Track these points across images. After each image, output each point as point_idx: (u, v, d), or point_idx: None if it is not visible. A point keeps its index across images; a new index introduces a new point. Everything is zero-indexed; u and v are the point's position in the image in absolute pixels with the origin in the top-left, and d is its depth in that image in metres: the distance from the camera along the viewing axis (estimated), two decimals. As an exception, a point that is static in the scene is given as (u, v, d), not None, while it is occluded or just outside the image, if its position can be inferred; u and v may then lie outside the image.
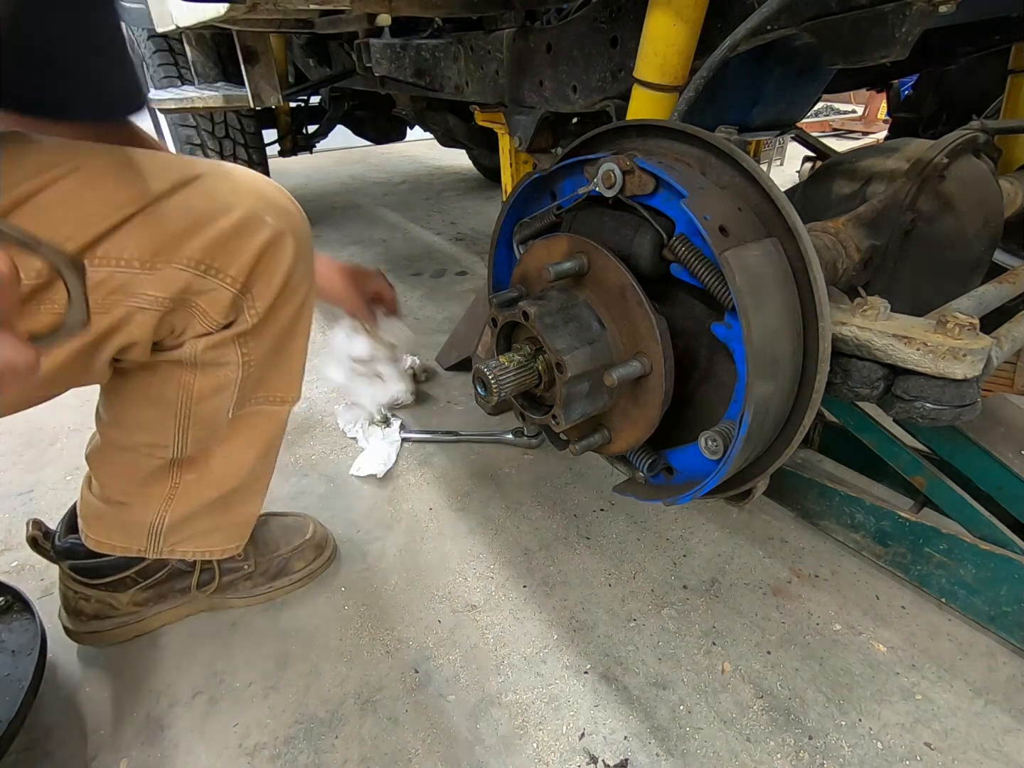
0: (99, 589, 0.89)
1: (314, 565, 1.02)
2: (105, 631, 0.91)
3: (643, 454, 0.72)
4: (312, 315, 0.81)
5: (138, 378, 0.73)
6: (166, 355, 0.70)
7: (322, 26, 1.57)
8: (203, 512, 0.84)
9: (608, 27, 0.97)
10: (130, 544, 0.85)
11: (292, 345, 0.79)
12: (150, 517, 0.83)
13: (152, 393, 0.74)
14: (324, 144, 3.29)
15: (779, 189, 0.58)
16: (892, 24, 0.65)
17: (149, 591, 0.92)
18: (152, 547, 0.85)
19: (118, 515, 0.83)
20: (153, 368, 0.71)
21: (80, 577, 0.88)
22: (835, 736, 0.78)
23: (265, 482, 0.91)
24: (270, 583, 0.99)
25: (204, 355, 0.70)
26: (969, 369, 0.59)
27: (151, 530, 0.83)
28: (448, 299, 2.18)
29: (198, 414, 0.75)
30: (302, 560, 1.01)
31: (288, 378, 0.82)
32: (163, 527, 0.83)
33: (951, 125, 0.95)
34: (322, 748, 0.78)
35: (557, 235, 0.69)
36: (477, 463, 1.32)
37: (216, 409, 0.76)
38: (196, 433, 0.77)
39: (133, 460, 0.79)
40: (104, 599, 0.89)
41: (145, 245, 0.61)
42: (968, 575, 0.86)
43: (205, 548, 0.88)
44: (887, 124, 3.57)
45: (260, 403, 0.81)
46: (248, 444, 0.83)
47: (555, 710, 0.82)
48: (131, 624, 0.92)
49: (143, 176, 0.61)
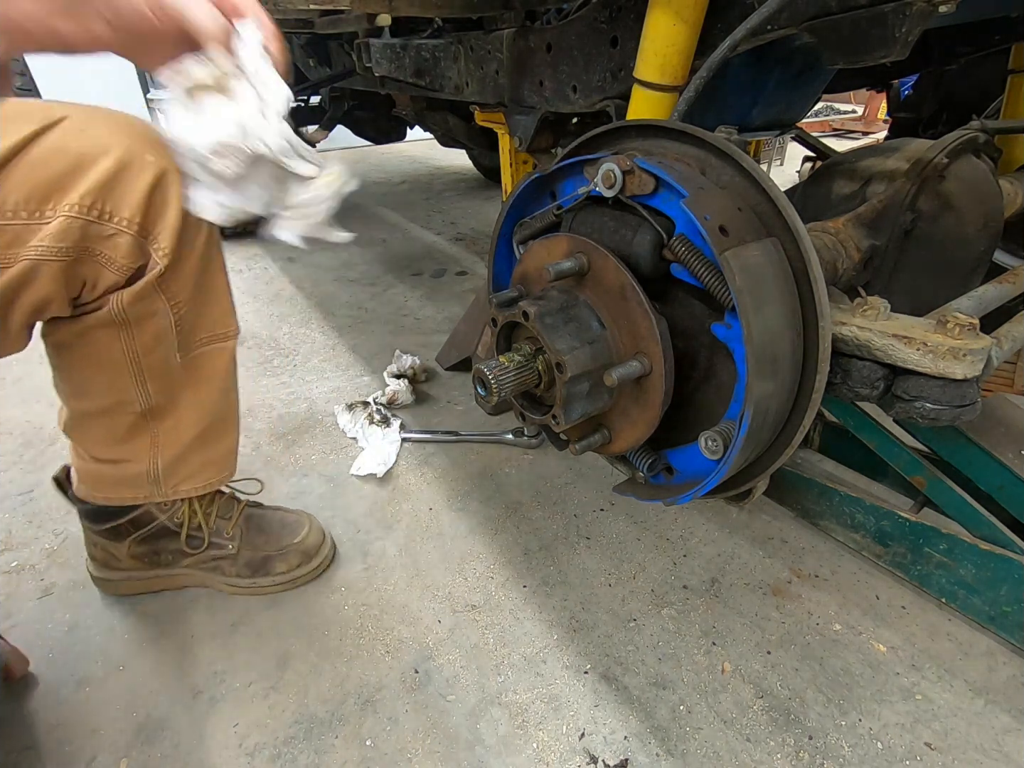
0: (102, 536, 0.95)
1: (297, 572, 1.00)
2: (113, 581, 0.99)
3: (643, 454, 0.72)
4: (222, 247, 0.83)
5: (80, 348, 0.75)
6: (94, 317, 0.72)
7: (322, 26, 1.57)
8: (189, 452, 0.89)
9: (608, 27, 0.97)
10: (136, 493, 0.90)
11: (214, 280, 0.81)
12: (144, 467, 0.87)
13: (100, 358, 0.76)
14: (324, 144, 3.28)
15: (779, 189, 0.58)
16: (892, 24, 0.65)
17: (145, 546, 0.97)
18: (157, 491, 0.90)
19: (115, 472, 0.88)
20: (89, 335, 0.74)
21: (87, 521, 0.96)
22: (835, 736, 0.78)
23: (234, 414, 0.95)
24: (252, 578, 1.00)
25: (131, 309, 0.72)
26: (969, 369, 0.59)
27: (149, 477, 0.88)
28: (448, 299, 2.18)
29: (149, 366, 0.78)
30: (284, 563, 1.00)
31: (222, 315, 0.84)
32: (159, 473, 0.88)
33: (951, 125, 0.95)
34: (322, 748, 0.78)
35: (557, 235, 0.69)
36: (477, 463, 1.32)
37: (164, 358, 0.79)
38: (155, 384, 0.80)
39: (108, 423, 0.84)
40: (107, 547, 0.96)
41: (27, 193, 0.61)
42: (968, 575, 0.86)
43: (203, 482, 0.93)
44: (887, 124, 3.57)
45: (204, 344, 0.83)
46: (207, 384, 0.86)
47: (555, 710, 0.82)
48: (134, 580, 0.99)
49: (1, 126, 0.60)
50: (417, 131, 3.28)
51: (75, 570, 1.05)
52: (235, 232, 2.89)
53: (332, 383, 1.65)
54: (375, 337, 1.91)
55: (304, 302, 2.21)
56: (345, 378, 1.67)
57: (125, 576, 0.99)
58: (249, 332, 1.97)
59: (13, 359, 0.74)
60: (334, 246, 2.81)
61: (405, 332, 1.94)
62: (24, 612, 0.98)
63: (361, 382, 1.65)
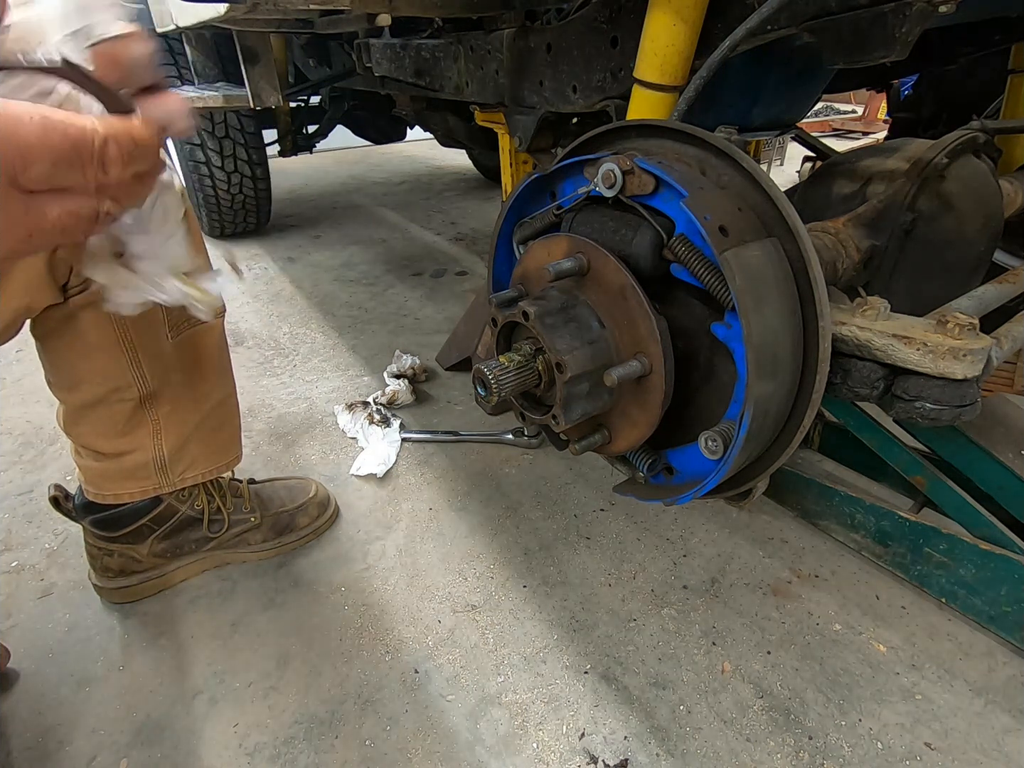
0: (120, 542, 0.94)
1: (319, 522, 1.09)
2: (132, 586, 0.97)
3: (643, 454, 0.72)
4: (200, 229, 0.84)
5: (69, 333, 0.75)
6: (81, 298, 0.72)
7: (322, 26, 1.57)
8: (193, 437, 0.89)
9: (608, 27, 0.97)
10: (145, 486, 0.90)
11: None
12: (149, 456, 0.87)
13: (92, 340, 0.76)
14: (324, 144, 3.28)
15: (779, 189, 0.58)
16: (892, 24, 0.64)
17: (166, 541, 0.97)
18: (164, 482, 0.90)
19: (119, 465, 0.87)
20: (76, 317, 0.74)
21: (101, 531, 0.93)
22: (835, 736, 0.78)
23: (233, 397, 0.96)
24: (278, 538, 1.05)
25: None
26: (969, 369, 0.59)
27: (155, 466, 0.88)
28: (448, 299, 2.18)
29: (143, 346, 0.79)
30: (307, 516, 1.08)
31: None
32: (164, 460, 0.88)
33: (951, 125, 0.95)
34: (322, 748, 0.78)
35: (557, 235, 0.69)
36: (477, 463, 1.32)
37: (155, 337, 0.79)
38: (150, 366, 0.81)
39: (106, 412, 0.83)
40: (126, 552, 0.95)
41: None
42: (968, 575, 0.86)
43: (211, 467, 0.93)
44: (887, 124, 3.57)
45: (193, 325, 0.84)
46: (201, 365, 0.87)
47: (555, 710, 0.82)
48: (154, 579, 0.98)
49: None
50: (417, 131, 3.28)
51: (75, 570, 1.05)
52: (235, 232, 2.89)
53: (332, 383, 1.65)
54: (375, 337, 1.91)
55: (304, 302, 2.21)
56: (345, 378, 1.67)
57: (144, 577, 0.98)
58: (249, 332, 1.97)
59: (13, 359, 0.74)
60: (335, 246, 2.81)
61: (405, 332, 1.94)
62: (24, 612, 0.98)
63: (361, 382, 1.65)
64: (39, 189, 0.33)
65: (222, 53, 2.18)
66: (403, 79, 1.56)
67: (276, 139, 2.95)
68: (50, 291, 0.69)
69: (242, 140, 2.58)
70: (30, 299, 0.68)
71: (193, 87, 2.17)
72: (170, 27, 1.71)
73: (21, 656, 0.90)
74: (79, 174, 0.34)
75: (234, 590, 1.01)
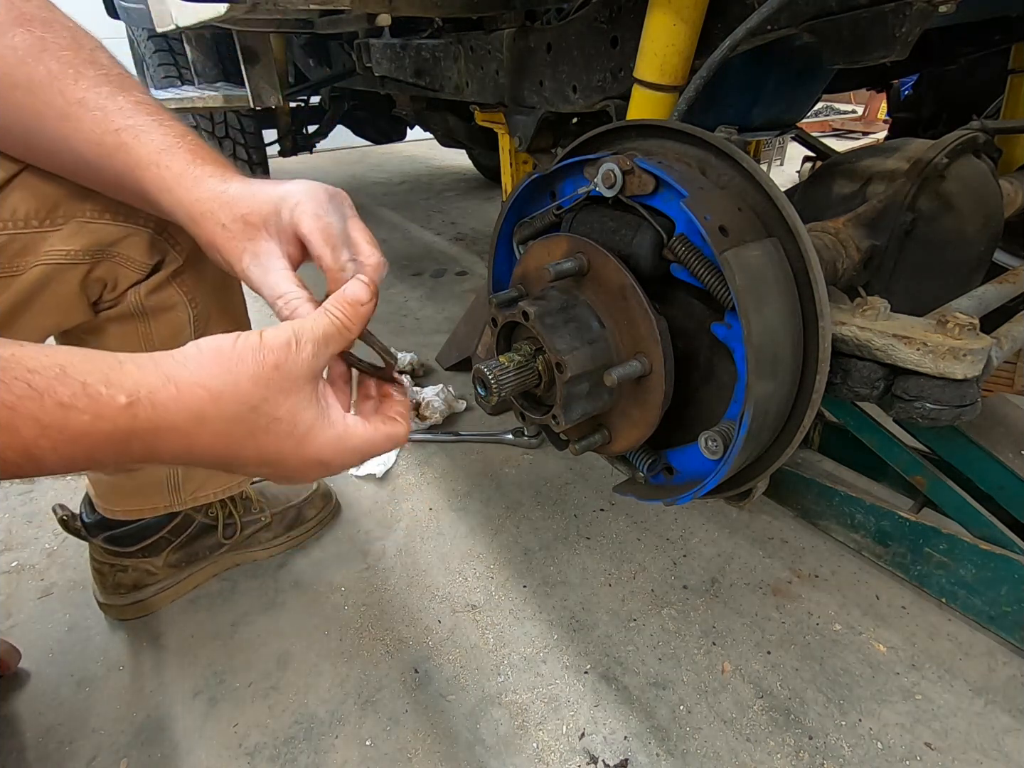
0: (136, 556, 0.93)
1: (323, 513, 1.12)
2: (146, 599, 0.96)
3: (643, 454, 0.72)
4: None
5: (94, 342, 0.74)
6: (113, 311, 0.71)
7: (322, 26, 1.57)
8: None
9: (608, 27, 0.97)
10: (156, 504, 0.88)
11: (230, 280, 0.80)
12: (162, 472, 0.86)
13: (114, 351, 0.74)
14: (324, 144, 3.28)
15: (779, 189, 0.58)
16: (892, 24, 0.64)
17: (181, 551, 0.97)
18: (176, 500, 0.88)
19: (133, 482, 0.86)
20: (103, 329, 0.72)
21: (116, 547, 0.92)
22: (835, 736, 0.78)
23: None
24: (287, 532, 1.07)
25: (148, 301, 0.71)
26: (969, 369, 0.59)
27: (168, 485, 0.87)
28: (448, 299, 2.18)
29: None
30: (313, 508, 1.10)
31: (235, 315, 0.83)
32: (178, 479, 0.87)
33: (951, 125, 0.95)
34: (322, 748, 0.78)
35: (557, 235, 0.69)
36: (477, 463, 1.32)
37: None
38: None
39: None
40: (141, 566, 0.94)
41: (36, 203, 0.60)
42: (968, 575, 0.86)
43: (223, 486, 0.92)
44: (887, 124, 3.57)
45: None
46: None
47: (555, 710, 0.82)
48: (168, 588, 0.98)
49: None
50: (417, 131, 3.29)
51: (75, 570, 1.05)
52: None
53: (332, 383, 1.65)
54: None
55: (304, 302, 2.21)
56: (345, 378, 1.67)
57: (158, 589, 0.97)
58: (249, 332, 1.96)
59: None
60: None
61: (405, 332, 1.94)
62: (24, 612, 0.98)
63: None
64: None
65: (222, 53, 2.18)
66: (403, 79, 1.56)
67: (276, 139, 2.95)
68: (82, 309, 0.67)
69: (242, 140, 2.58)
70: (61, 318, 0.66)
71: (193, 87, 2.17)
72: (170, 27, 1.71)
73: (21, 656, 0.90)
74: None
75: (234, 590, 1.01)
